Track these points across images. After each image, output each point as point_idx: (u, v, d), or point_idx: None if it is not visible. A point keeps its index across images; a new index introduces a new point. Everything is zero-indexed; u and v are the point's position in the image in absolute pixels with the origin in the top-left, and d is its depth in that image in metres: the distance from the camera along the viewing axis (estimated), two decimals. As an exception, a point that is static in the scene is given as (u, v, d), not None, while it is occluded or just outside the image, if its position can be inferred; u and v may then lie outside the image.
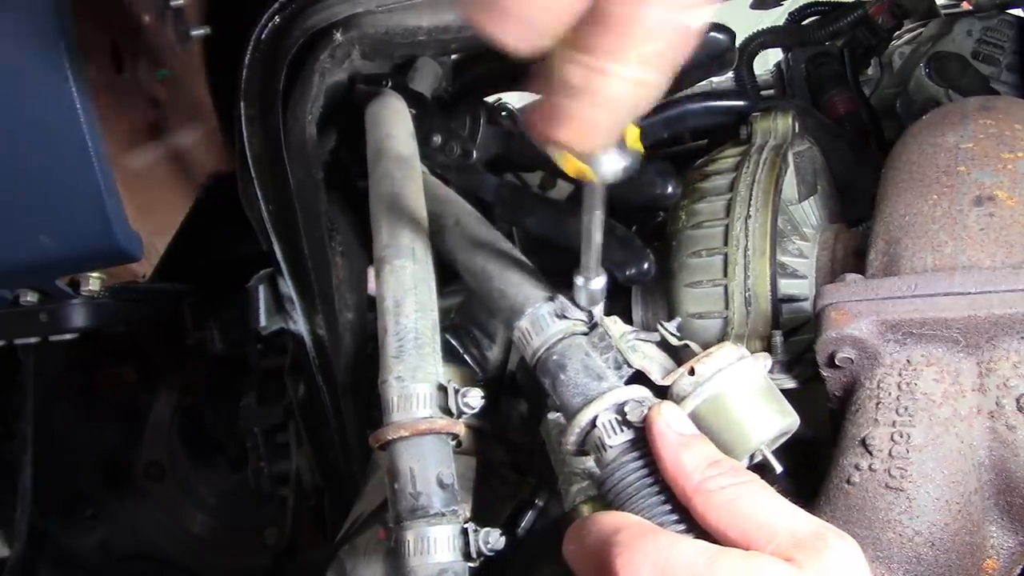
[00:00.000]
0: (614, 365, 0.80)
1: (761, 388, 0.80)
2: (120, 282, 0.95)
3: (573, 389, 0.75)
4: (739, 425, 0.78)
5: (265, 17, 1.01)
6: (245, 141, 1.06)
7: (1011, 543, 0.77)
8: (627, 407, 0.70)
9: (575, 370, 0.76)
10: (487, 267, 0.87)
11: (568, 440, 0.75)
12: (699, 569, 0.55)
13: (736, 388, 0.78)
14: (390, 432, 0.75)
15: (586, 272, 0.77)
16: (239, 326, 1.39)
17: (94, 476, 1.86)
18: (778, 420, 0.79)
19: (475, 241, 0.91)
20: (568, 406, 0.76)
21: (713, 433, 0.77)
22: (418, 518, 0.72)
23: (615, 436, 0.70)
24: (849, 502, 0.77)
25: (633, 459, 0.69)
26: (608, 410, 0.72)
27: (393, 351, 0.80)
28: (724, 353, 0.80)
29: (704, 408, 0.79)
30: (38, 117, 0.74)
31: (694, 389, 0.79)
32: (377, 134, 1.01)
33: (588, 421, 0.72)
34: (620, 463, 0.69)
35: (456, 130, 1.12)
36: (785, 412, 0.81)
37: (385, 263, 0.85)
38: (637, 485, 0.67)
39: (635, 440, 0.70)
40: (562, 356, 0.78)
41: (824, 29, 1.66)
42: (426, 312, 0.83)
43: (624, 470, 0.68)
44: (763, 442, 0.78)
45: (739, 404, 0.78)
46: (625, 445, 0.70)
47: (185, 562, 1.88)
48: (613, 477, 0.69)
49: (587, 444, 0.74)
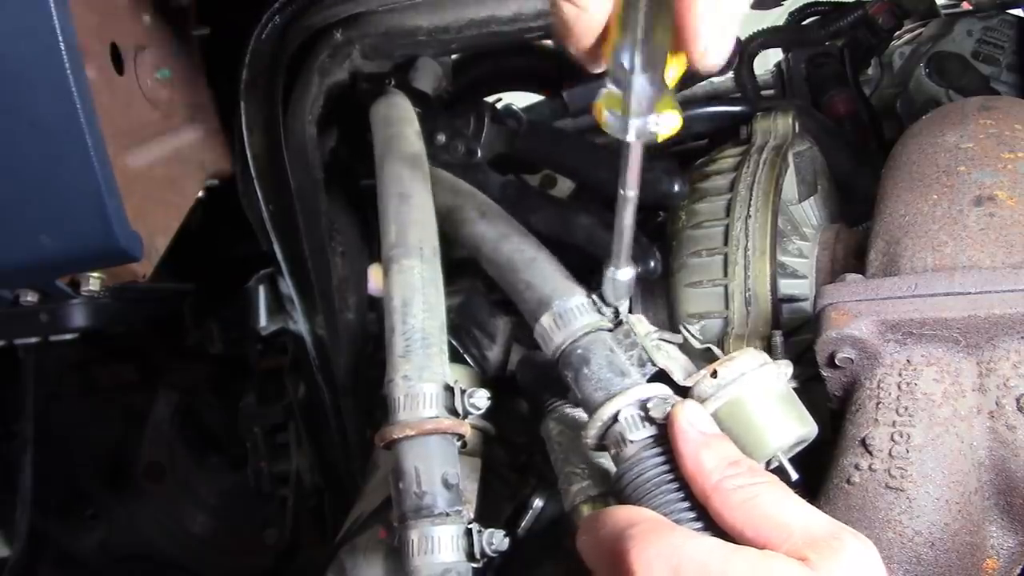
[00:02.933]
0: (638, 363, 0.80)
1: (781, 395, 0.80)
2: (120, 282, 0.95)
3: (596, 383, 0.76)
4: (758, 430, 0.78)
5: (265, 17, 1.01)
6: (245, 141, 1.06)
7: (1011, 543, 0.77)
8: (650, 404, 0.71)
9: (599, 365, 0.77)
10: (513, 259, 0.88)
11: (589, 433, 0.75)
12: (713, 566, 0.55)
13: (757, 393, 0.79)
14: (396, 431, 0.75)
15: (616, 261, 0.78)
16: (239, 326, 1.38)
17: (94, 476, 1.86)
18: (796, 427, 0.80)
19: (501, 233, 0.91)
20: (590, 400, 0.76)
21: (731, 437, 0.78)
22: (422, 518, 0.72)
23: (637, 431, 0.71)
24: (849, 502, 0.77)
25: (653, 455, 0.70)
26: (631, 405, 0.72)
27: (400, 350, 0.80)
28: (747, 358, 0.80)
29: (724, 411, 0.79)
30: (38, 117, 0.74)
31: (715, 391, 0.79)
32: (384, 133, 1.01)
33: (610, 415, 0.73)
34: (640, 458, 0.70)
35: (460, 129, 1.13)
36: (804, 420, 0.81)
37: (393, 263, 0.85)
38: (656, 481, 0.68)
39: (657, 436, 0.71)
40: (586, 350, 0.78)
41: (824, 29, 1.66)
42: (434, 312, 0.83)
43: (644, 465, 0.69)
44: (780, 448, 0.79)
45: (759, 409, 0.79)
46: (647, 440, 0.71)
47: (185, 562, 1.88)
48: (632, 471, 0.70)
49: (607, 438, 0.74)
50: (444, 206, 0.99)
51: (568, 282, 0.85)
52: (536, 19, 0.99)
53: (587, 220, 1.03)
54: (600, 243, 1.01)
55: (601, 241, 1.01)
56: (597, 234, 1.01)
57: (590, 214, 1.03)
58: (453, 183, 1.03)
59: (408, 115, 1.06)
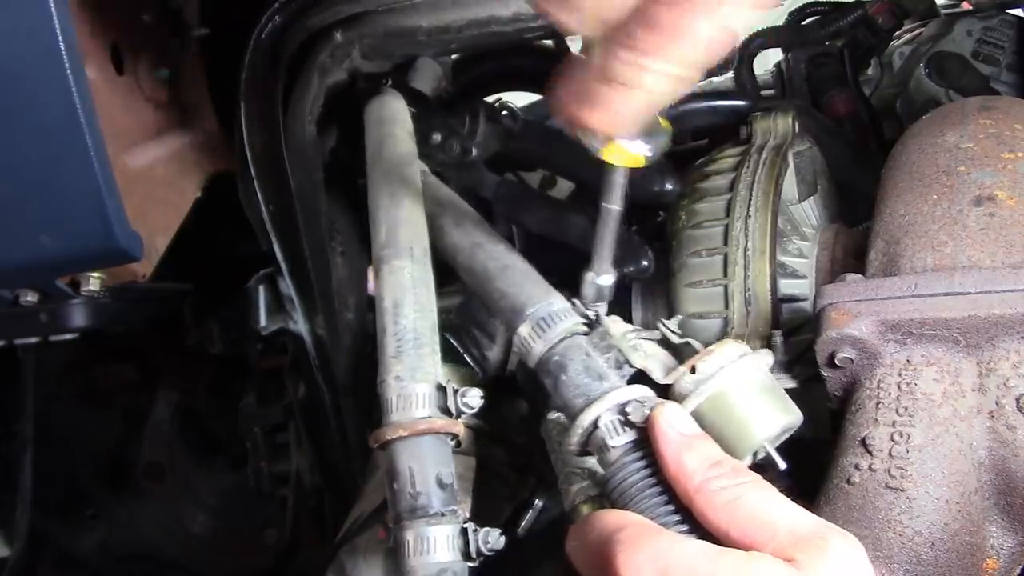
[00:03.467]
0: (615, 365, 0.80)
1: (763, 385, 0.80)
2: (120, 282, 0.95)
3: (575, 390, 0.75)
4: (742, 422, 0.78)
5: (265, 17, 1.01)
6: (245, 141, 1.06)
7: (1011, 543, 0.77)
8: (629, 407, 0.70)
9: (576, 371, 0.76)
10: (488, 267, 0.87)
11: (571, 441, 0.75)
12: (700, 569, 0.55)
13: (738, 385, 0.78)
14: (389, 432, 0.75)
15: (597, 266, 0.77)
16: (239, 326, 1.38)
17: (94, 476, 1.86)
18: (781, 417, 0.79)
19: (475, 242, 0.90)
20: (570, 407, 0.75)
21: (716, 431, 0.77)
22: (417, 518, 0.72)
23: (618, 437, 0.70)
24: (849, 502, 0.77)
25: (636, 459, 0.69)
26: (610, 411, 0.71)
27: (392, 351, 0.80)
28: (726, 351, 0.80)
29: (706, 406, 0.79)
30: (38, 117, 0.74)
31: (696, 387, 0.79)
32: (376, 134, 1.01)
33: (591, 422, 0.72)
34: (623, 463, 0.69)
35: (455, 128, 1.12)
36: (788, 409, 0.81)
37: (384, 263, 0.85)
38: (640, 485, 0.67)
39: (637, 440, 0.70)
40: (563, 357, 0.77)
41: (824, 29, 1.66)
42: (425, 312, 0.83)
43: (627, 470, 0.68)
44: (766, 439, 0.78)
45: (741, 401, 0.78)
46: (628, 446, 0.70)
47: (185, 562, 1.88)
48: (616, 477, 0.69)
49: (590, 445, 0.74)
50: (427, 216, 0.99)
51: (541, 288, 0.83)
52: (536, 19, 0.99)
53: (581, 219, 1.03)
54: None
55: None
56: (591, 234, 1.01)
57: (584, 214, 1.03)
58: (435, 191, 1.02)
59: (401, 115, 1.05)
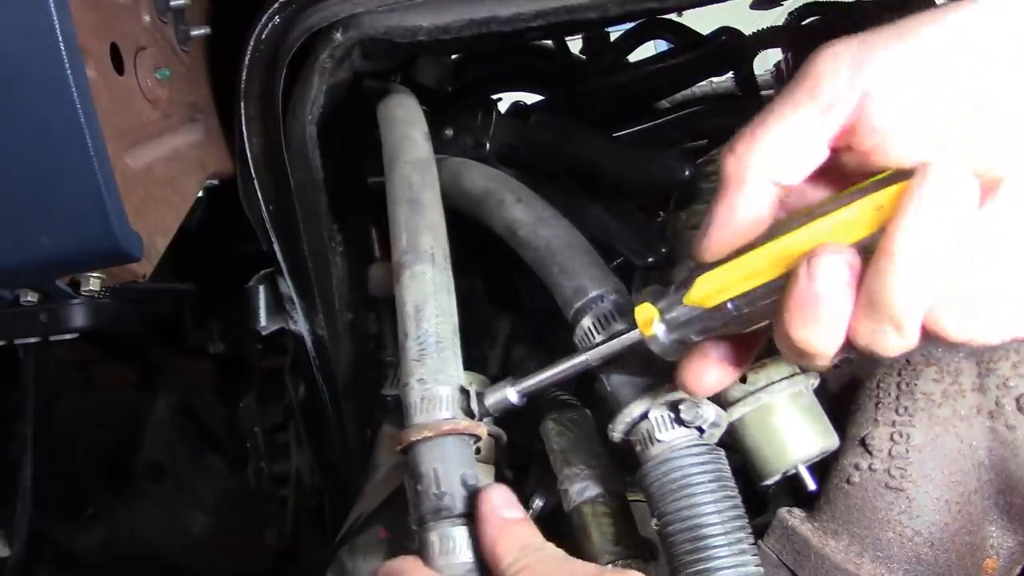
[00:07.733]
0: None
1: (807, 406, 0.81)
2: (120, 282, 0.95)
3: (628, 380, 0.77)
4: (782, 440, 0.79)
5: (265, 17, 1.01)
6: (245, 141, 1.06)
7: (1011, 543, 0.77)
8: (682, 406, 0.72)
9: (631, 362, 0.77)
10: (552, 243, 0.88)
11: (616, 427, 0.76)
12: None
13: (784, 402, 0.80)
14: (413, 434, 0.75)
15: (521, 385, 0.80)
16: (239, 326, 1.38)
17: (94, 476, 1.86)
18: (820, 440, 0.80)
19: (539, 217, 0.92)
20: (620, 395, 0.77)
21: (753, 442, 0.79)
22: (442, 519, 0.71)
23: (665, 432, 0.72)
24: (849, 502, 0.77)
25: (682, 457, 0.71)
26: (662, 405, 0.73)
27: (415, 354, 0.80)
28: (777, 366, 0.80)
29: (751, 416, 0.79)
30: (38, 117, 0.74)
31: (744, 396, 0.80)
32: (393, 136, 1.01)
33: (640, 413, 0.74)
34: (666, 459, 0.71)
35: (468, 122, 1.13)
36: (827, 433, 0.81)
37: (405, 268, 0.85)
38: (681, 483, 0.70)
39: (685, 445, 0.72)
40: None
41: (824, 28, 1.66)
42: (446, 316, 0.84)
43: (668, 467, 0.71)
44: (801, 460, 0.79)
45: (785, 419, 0.79)
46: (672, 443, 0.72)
47: (185, 562, 1.88)
48: (657, 471, 0.71)
49: (634, 435, 0.75)
50: (479, 189, 0.99)
51: (603, 271, 0.85)
52: (536, 19, 0.99)
53: (599, 210, 1.03)
54: (613, 233, 1.02)
55: (614, 231, 1.02)
56: (610, 224, 1.02)
57: (601, 204, 1.04)
58: (485, 171, 1.04)
59: (416, 115, 1.05)
